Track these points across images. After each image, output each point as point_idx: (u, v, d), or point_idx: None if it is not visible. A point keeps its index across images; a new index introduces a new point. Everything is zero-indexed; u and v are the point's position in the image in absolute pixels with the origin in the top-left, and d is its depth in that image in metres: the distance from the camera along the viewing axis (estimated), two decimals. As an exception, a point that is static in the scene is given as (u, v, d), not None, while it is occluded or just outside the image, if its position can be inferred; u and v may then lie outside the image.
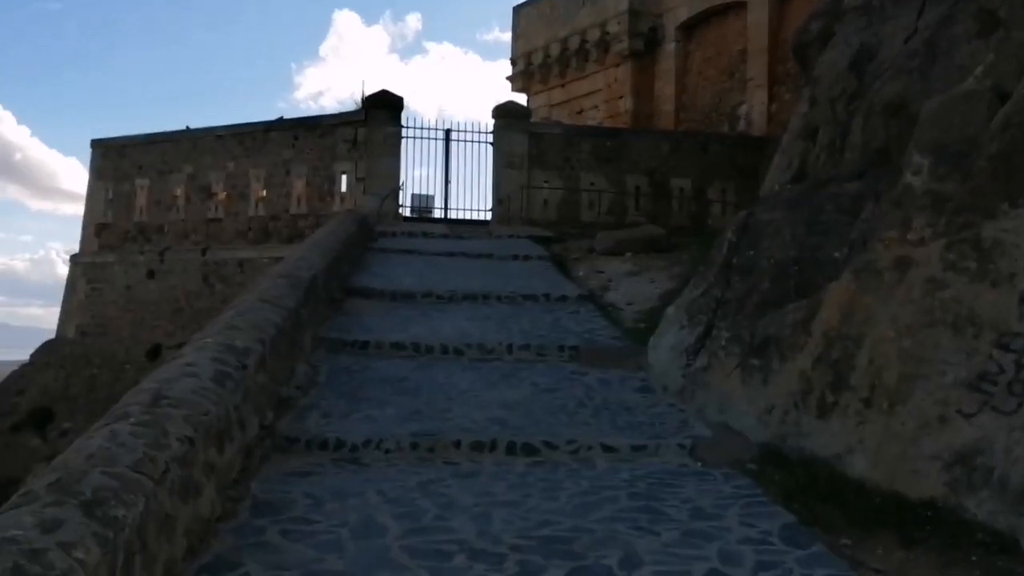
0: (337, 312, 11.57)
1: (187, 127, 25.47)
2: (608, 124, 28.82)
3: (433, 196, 23.52)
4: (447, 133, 22.93)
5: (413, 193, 23.53)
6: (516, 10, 34.30)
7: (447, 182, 23.12)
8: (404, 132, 22.51)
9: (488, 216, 22.79)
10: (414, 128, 22.70)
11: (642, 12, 28.97)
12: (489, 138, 22.87)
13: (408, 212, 22.93)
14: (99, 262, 25.57)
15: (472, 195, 23.82)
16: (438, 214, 23.20)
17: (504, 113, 23.20)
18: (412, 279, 13.78)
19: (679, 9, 28.23)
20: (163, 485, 4.31)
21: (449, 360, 9.86)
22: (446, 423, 7.55)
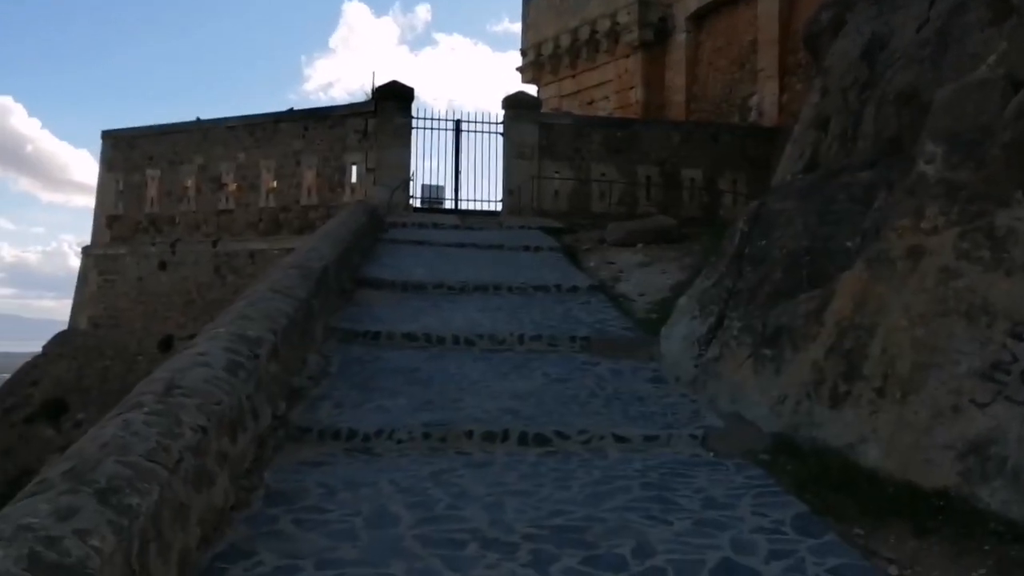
0: (348, 303, 11.58)
1: (197, 118, 25.45)
2: (619, 115, 28.76)
3: (443, 187, 23.52)
4: (457, 124, 22.90)
5: (423, 184, 23.50)
6: (526, 1, 34.24)
7: (457, 173, 23.11)
8: (414, 123, 22.47)
9: (498, 207, 22.75)
10: (424, 119, 22.67)
11: (652, 2, 28.88)
12: (499, 129, 22.83)
13: (418, 203, 22.90)
14: (111, 254, 25.63)
15: (482, 186, 23.83)
16: (448, 205, 23.18)
17: (514, 104, 23.14)
18: (423, 270, 13.79)
19: (689, -1, 28.18)
20: (177, 474, 4.32)
21: (460, 351, 9.87)
22: (458, 413, 7.56)
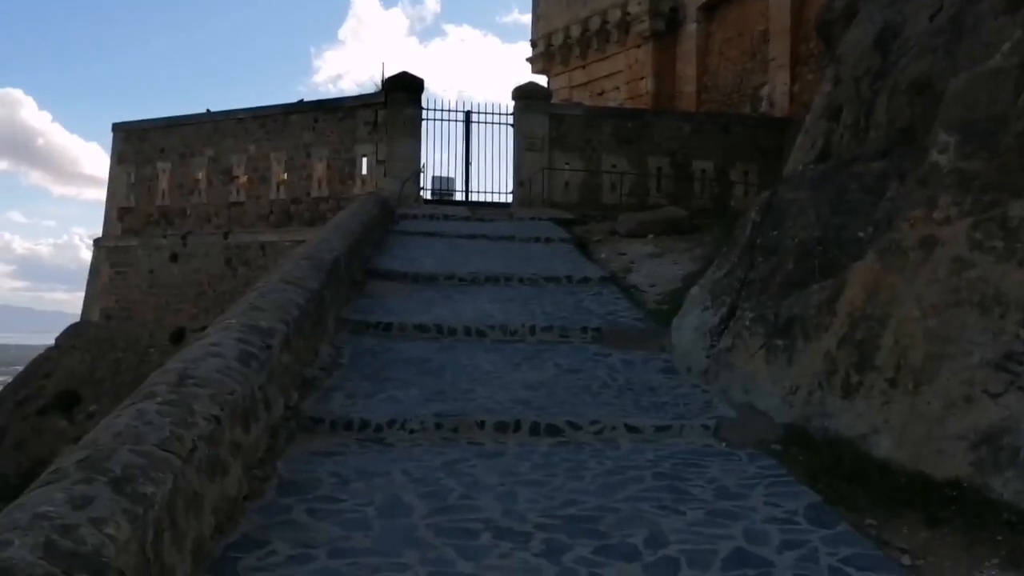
0: (359, 294, 11.60)
1: (208, 110, 25.49)
2: (629, 105, 28.68)
3: (454, 179, 23.48)
4: (467, 115, 22.87)
5: (434, 176, 23.47)
6: (536, -9, 34.20)
7: (468, 164, 23.09)
8: (424, 114, 22.42)
9: (509, 198, 22.72)
10: (434, 110, 22.63)
11: (663, -8, 28.82)
12: (510, 120, 22.78)
13: (429, 195, 22.89)
14: (122, 246, 25.69)
15: (493, 177, 23.77)
16: (459, 196, 23.17)
17: (525, 94, 23.08)
18: (434, 261, 13.81)
19: (700, -11, 28.07)
20: (190, 463, 4.33)
21: (472, 342, 9.88)
22: (470, 404, 7.57)
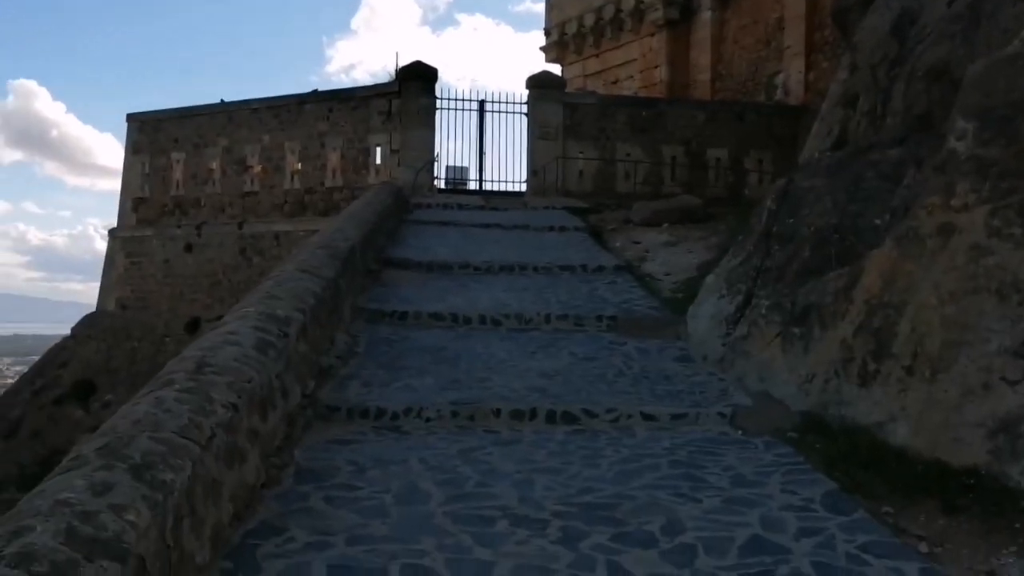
0: (374, 283, 11.62)
1: (222, 100, 25.52)
2: (643, 94, 28.60)
3: (467, 168, 23.49)
4: (481, 104, 22.84)
5: (447, 165, 23.48)
6: (550, -20, 34.10)
7: (481, 153, 23.08)
8: (438, 103, 22.42)
9: (523, 187, 22.71)
10: (448, 99, 22.62)
11: (677, -20, 28.69)
12: (523, 109, 22.74)
13: (443, 184, 22.90)
14: (137, 236, 25.78)
15: (507, 166, 23.77)
16: (473, 186, 23.15)
17: (538, 83, 23.03)
18: (448, 250, 13.83)
19: (714, -23, 27.92)
20: (209, 451, 4.36)
21: (487, 330, 9.89)
22: (485, 392, 7.58)
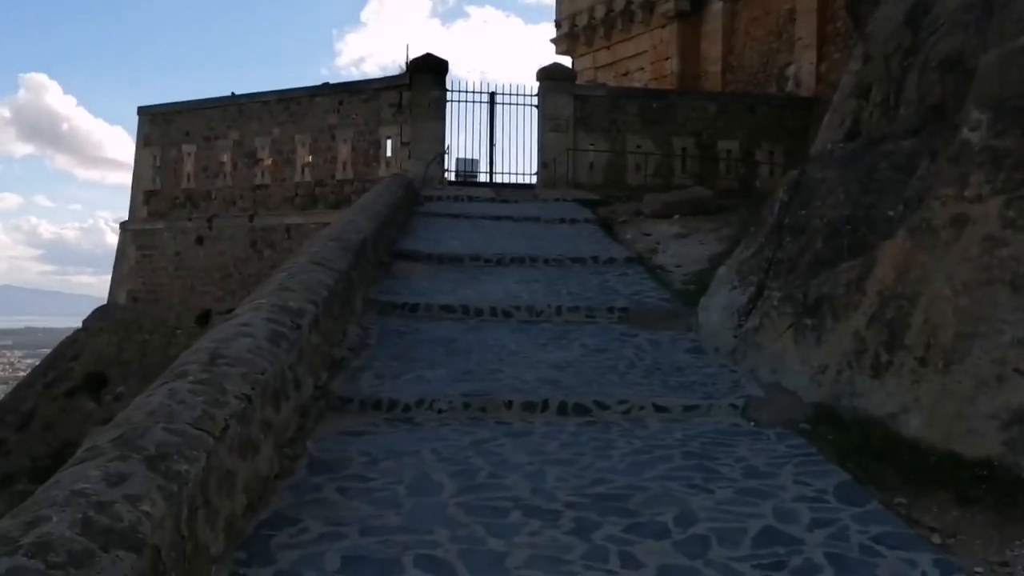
0: (385, 275, 11.63)
1: (232, 93, 25.53)
2: (654, 86, 28.54)
3: (478, 160, 23.47)
4: (492, 96, 22.81)
5: (458, 157, 23.48)
6: (560, -29, 34.01)
7: (492, 146, 23.05)
8: (449, 96, 22.40)
9: (533, 180, 22.68)
10: (459, 92, 22.59)
11: (688, -28, 28.59)
12: (534, 101, 22.72)
13: (453, 176, 22.89)
14: (148, 229, 25.84)
15: (517, 159, 23.76)
16: (483, 178, 23.13)
17: (549, 75, 22.98)
18: (459, 243, 13.84)
19: (726, -32, 27.83)
20: (223, 442, 4.37)
21: (498, 322, 9.89)
22: (497, 383, 7.58)
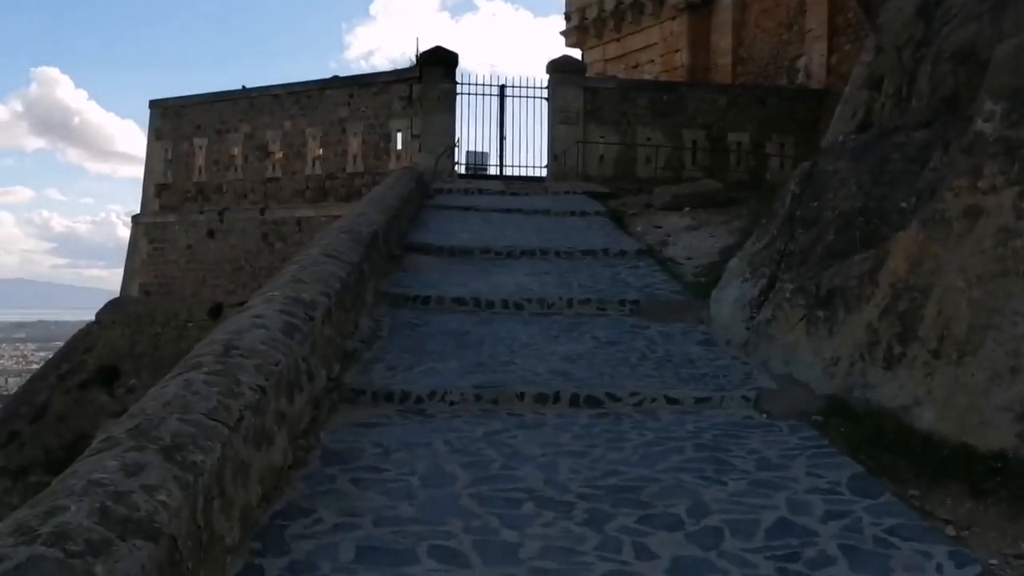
0: (396, 268, 11.65)
1: (243, 87, 25.58)
2: (664, 78, 28.49)
3: (488, 153, 23.49)
4: (502, 89, 22.83)
5: (468, 150, 23.51)
6: (570, -36, 33.98)
7: (502, 138, 23.07)
8: (459, 89, 22.42)
9: (543, 172, 22.69)
10: (469, 84, 22.61)
11: (698, -37, 28.52)
12: (544, 94, 22.72)
13: (463, 169, 22.91)
14: (160, 222, 25.93)
15: (527, 151, 23.77)
16: (493, 171, 23.15)
17: (559, 68, 22.97)
18: (469, 235, 13.86)
19: (736, -40, 27.75)
20: (238, 432, 4.38)
21: (509, 314, 9.90)
22: (509, 375, 7.58)
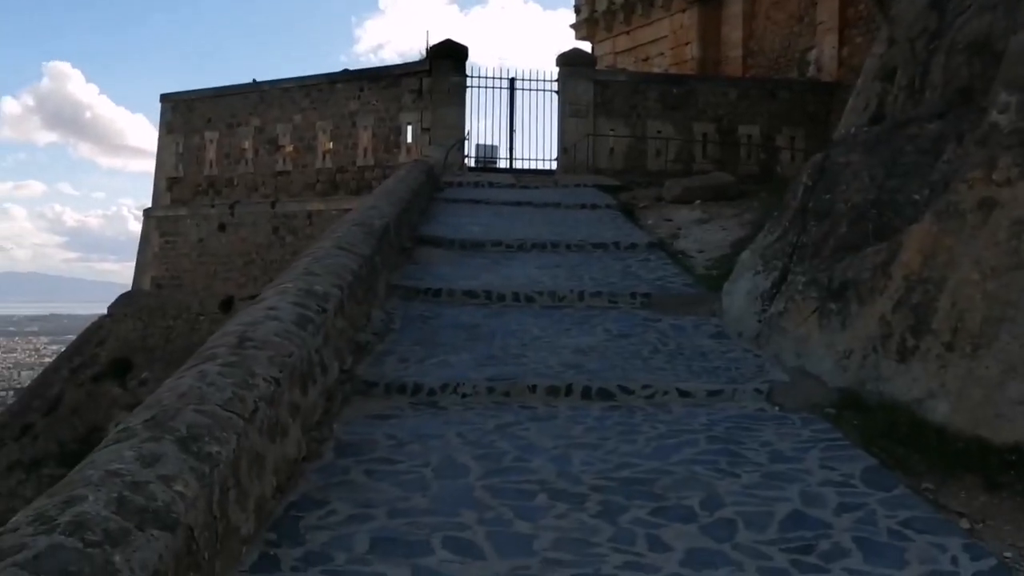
0: (407, 261, 11.66)
1: (254, 80, 25.61)
2: (674, 71, 28.43)
3: (497, 146, 23.50)
4: (512, 82, 22.81)
5: (478, 143, 23.51)
6: (580, -43, 33.91)
7: (512, 132, 23.05)
8: (468, 82, 22.42)
9: (553, 165, 22.68)
10: (479, 78, 22.61)
11: (708, -44, 28.45)
12: (554, 87, 22.70)
13: (473, 162, 22.91)
14: (171, 216, 26.01)
15: (537, 144, 23.75)
16: (503, 164, 23.16)
17: (569, 61, 22.95)
18: (480, 228, 13.85)
19: (747, -48, 27.67)
20: (253, 424, 4.40)
21: (521, 307, 9.90)
22: (521, 368, 7.58)
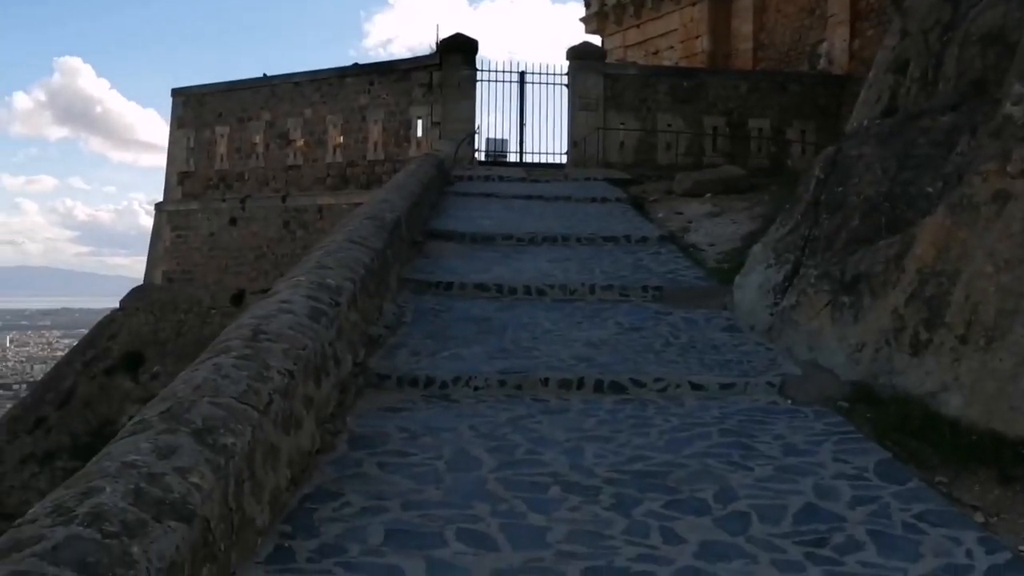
0: (419, 254, 11.68)
1: (264, 74, 25.66)
2: (684, 64, 28.38)
3: (507, 140, 23.49)
4: (522, 76, 22.81)
5: (488, 137, 23.49)
6: (590, -50, 33.85)
7: (522, 125, 23.06)
8: (479, 75, 22.42)
9: (563, 159, 22.67)
10: (489, 71, 22.62)
11: (719, -52, 28.38)
12: (564, 80, 22.68)
13: (483, 156, 22.91)
14: (183, 210, 26.08)
15: (547, 138, 23.77)
16: (513, 158, 23.16)
17: (579, 54, 22.94)
18: (491, 222, 13.88)
19: (758, -56, 27.58)
20: (267, 416, 4.41)
21: (532, 301, 9.91)
22: (532, 361, 7.59)
